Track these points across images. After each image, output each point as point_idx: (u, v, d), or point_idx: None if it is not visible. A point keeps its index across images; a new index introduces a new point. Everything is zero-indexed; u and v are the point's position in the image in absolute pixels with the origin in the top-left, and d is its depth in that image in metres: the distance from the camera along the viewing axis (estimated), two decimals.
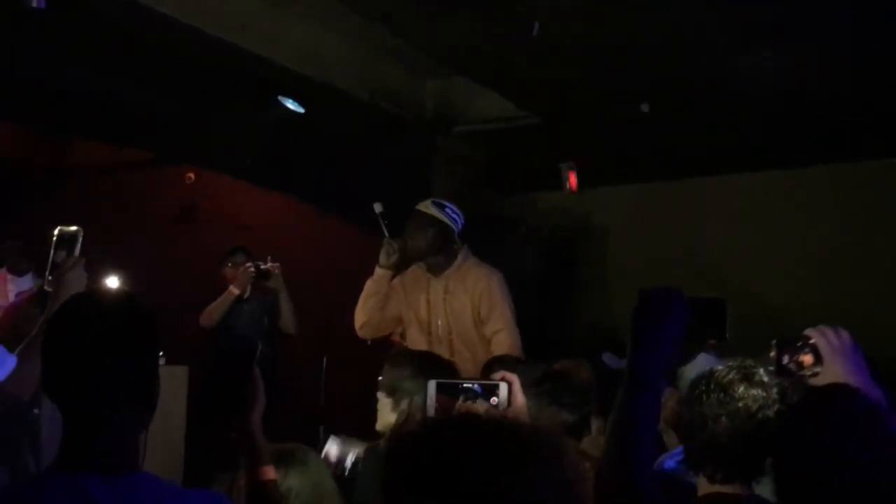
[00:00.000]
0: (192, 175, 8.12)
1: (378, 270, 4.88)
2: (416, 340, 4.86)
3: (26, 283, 5.90)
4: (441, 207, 4.92)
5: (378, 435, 3.39)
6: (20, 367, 2.69)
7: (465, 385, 2.17)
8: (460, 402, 2.15)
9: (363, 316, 4.95)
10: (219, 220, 7.99)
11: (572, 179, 7.53)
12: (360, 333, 5.03)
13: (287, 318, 6.41)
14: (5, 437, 5.34)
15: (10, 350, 2.75)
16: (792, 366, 2.18)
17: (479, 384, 2.18)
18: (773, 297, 7.13)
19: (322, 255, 6.61)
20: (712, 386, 2.30)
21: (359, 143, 7.32)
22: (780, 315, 6.38)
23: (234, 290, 6.29)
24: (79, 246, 2.92)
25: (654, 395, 2.01)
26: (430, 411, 2.17)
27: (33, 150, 8.58)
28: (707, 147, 7.25)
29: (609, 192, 8.13)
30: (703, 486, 2.28)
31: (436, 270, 4.88)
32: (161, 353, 6.15)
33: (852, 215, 7.27)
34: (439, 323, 4.82)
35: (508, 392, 2.16)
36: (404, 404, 3.20)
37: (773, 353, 2.21)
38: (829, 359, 2.14)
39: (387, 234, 4.88)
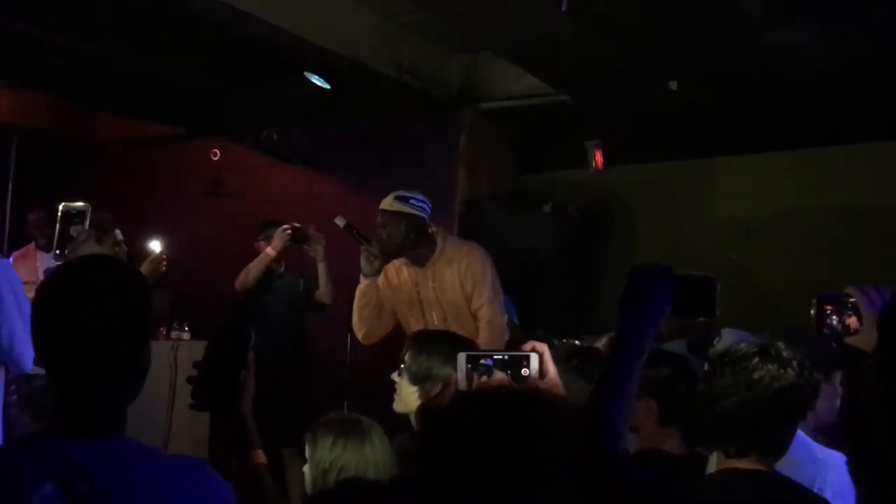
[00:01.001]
0: (217, 151, 8.13)
1: (363, 280, 4.82)
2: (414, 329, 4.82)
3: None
4: (405, 200, 4.80)
5: (397, 417, 3.36)
6: None
7: (496, 356, 2.19)
8: (490, 375, 2.16)
9: (362, 326, 4.92)
10: (244, 195, 8.01)
11: (598, 157, 7.51)
12: (364, 342, 5.03)
13: (324, 288, 6.35)
14: None
15: None
16: (832, 322, 2.16)
17: (509, 355, 2.19)
18: (796, 275, 7.10)
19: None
20: (726, 360, 2.32)
21: (385, 118, 7.33)
22: (804, 294, 6.33)
23: (271, 252, 6.20)
24: (87, 220, 2.98)
25: (640, 363, 2.06)
26: (462, 384, 2.18)
27: (64, 125, 8.62)
28: (734, 125, 7.20)
29: (635, 171, 8.09)
30: (719, 462, 2.29)
31: (420, 261, 4.82)
32: (186, 328, 6.18)
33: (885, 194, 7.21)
34: (434, 314, 4.79)
35: (540, 362, 2.18)
36: (437, 391, 3.17)
37: (812, 312, 2.20)
38: (870, 318, 2.13)
39: (363, 243, 4.82)
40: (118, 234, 5.77)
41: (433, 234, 4.84)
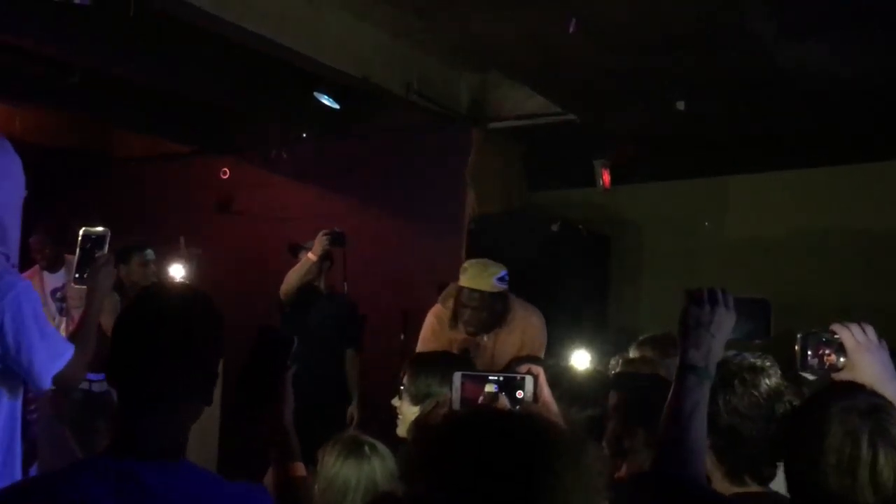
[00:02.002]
0: (227, 170, 8.19)
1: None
2: None
3: (59, 278, 5.97)
4: (503, 280, 4.91)
5: (399, 441, 3.38)
6: (76, 354, 2.92)
7: (490, 378, 2.21)
8: (484, 397, 2.19)
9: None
10: (254, 213, 8.06)
11: (605, 176, 7.54)
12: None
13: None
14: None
15: None
16: (816, 361, 2.20)
17: (504, 377, 2.22)
18: (805, 291, 7.12)
19: (356, 248, 6.64)
20: (731, 391, 2.26)
21: (395, 136, 7.37)
22: (813, 311, 6.35)
23: (312, 256, 6.09)
24: (107, 244, 3.04)
25: (708, 386, 2.07)
26: (456, 403, 2.21)
27: (81, 140, 8.69)
28: (743, 144, 7.23)
29: (642, 189, 8.14)
30: (730, 487, 2.26)
31: (488, 331, 4.95)
32: None
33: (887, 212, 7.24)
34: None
35: (534, 385, 2.20)
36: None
37: (796, 347, 2.23)
38: (853, 354, 2.16)
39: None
40: (149, 254, 5.83)
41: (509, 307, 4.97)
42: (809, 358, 2.21)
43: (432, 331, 4.99)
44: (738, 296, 2.15)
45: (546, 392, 2.23)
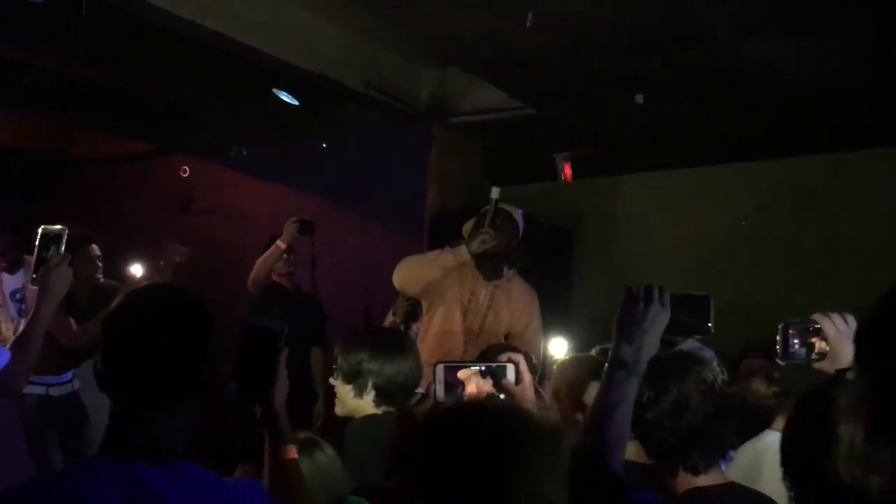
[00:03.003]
0: (186, 168, 8.14)
1: (464, 254, 4.79)
2: (448, 324, 4.86)
3: (20, 279, 5.90)
4: (523, 218, 4.99)
5: (338, 420, 3.36)
6: (13, 360, 2.81)
7: (473, 368, 2.24)
8: (469, 385, 2.22)
9: (421, 279, 4.88)
10: (215, 212, 8.01)
11: (567, 170, 7.57)
12: (402, 288, 5.01)
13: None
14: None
15: None
16: (803, 350, 2.22)
17: (486, 366, 2.25)
18: (770, 287, 7.19)
19: (318, 246, 6.63)
20: (680, 374, 2.32)
21: (355, 133, 7.36)
22: (777, 305, 6.43)
23: (281, 245, 6.13)
24: (63, 244, 3.00)
25: (637, 382, 2.09)
26: (440, 394, 2.24)
27: (40, 141, 8.60)
28: (703, 137, 7.28)
29: (604, 183, 8.18)
30: (685, 481, 2.30)
31: (490, 275, 4.92)
32: None
33: (854, 204, 7.32)
34: (473, 323, 4.87)
35: (516, 373, 2.23)
36: (370, 386, 3.15)
37: (778, 337, 2.25)
38: (835, 343, 2.17)
39: (489, 223, 4.80)
40: (94, 248, 5.76)
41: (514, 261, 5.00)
42: (796, 347, 2.23)
43: (441, 256, 4.90)
44: (679, 292, 2.18)
45: (527, 379, 2.26)
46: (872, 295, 1.42)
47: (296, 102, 6.59)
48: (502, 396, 2.18)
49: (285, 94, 6.52)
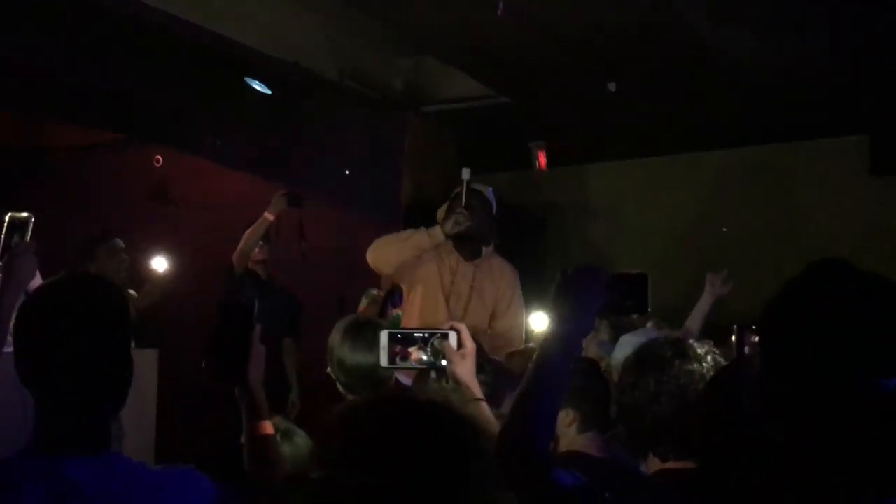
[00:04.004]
0: (159, 158, 8.08)
1: (438, 234, 4.81)
2: (431, 307, 4.86)
3: None
4: (494, 199, 5.01)
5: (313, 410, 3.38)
6: None
7: (416, 334, 2.27)
8: (414, 349, 2.26)
9: (394, 258, 4.89)
10: (190, 201, 7.98)
11: (541, 158, 7.58)
12: (375, 266, 5.02)
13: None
14: None
15: None
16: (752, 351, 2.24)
17: (429, 332, 2.28)
18: (738, 274, 7.22)
19: (294, 233, 6.62)
20: (648, 366, 2.34)
21: (329, 122, 7.32)
22: (744, 291, 6.46)
23: (269, 216, 6.08)
24: (29, 231, 2.96)
25: (570, 362, 2.10)
26: (384, 361, 2.26)
27: (9, 132, 8.51)
28: (674, 126, 7.31)
29: (578, 171, 8.20)
30: (654, 465, 2.32)
31: (469, 256, 4.93)
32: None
33: (824, 192, 7.38)
34: (458, 305, 4.88)
35: (458, 340, 2.26)
36: (335, 375, 3.17)
37: (733, 339, 2.27)
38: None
39: (463, 205, 4.79)
40: (117, 242, 5.63)
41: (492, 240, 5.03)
42: (746, 345, 2.25)
43: (416, 236, 4.91)
44: (616, 271, 2.19)
45: (469, 347, 2.27)
46: None
47: (268, 91, 6.56)
48: (444, 362, 2.23)
49: (258, 83, 6.49)
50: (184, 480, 1.91)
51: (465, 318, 4.81)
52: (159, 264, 5.40)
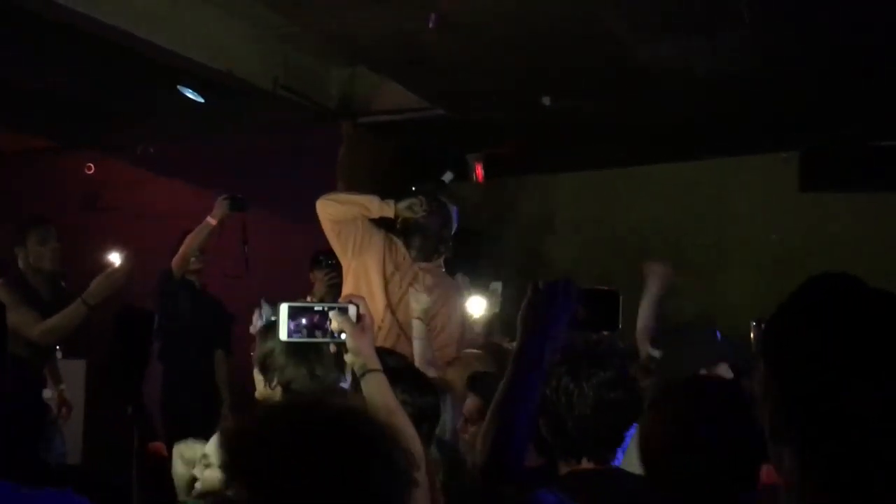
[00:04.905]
0: (91, 165, 7.97)
1: (390, 208, 4.88)
2: (367, 286, 4.81)
3: None
4: (456, 216, 5.03)
5: None
6: None
7: (316, 308, 2.27)
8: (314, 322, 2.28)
9: (342, 208, 4.98)
10: (122, 209, 7.87)
11: (479, 170, 7.60)
12: (321, 210, 5.07)
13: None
14: None
15: None
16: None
17: (328, 306, 2.30)
18: (679, 288, 7.31)
19: (227, 246, 6.54)
20: (563, 378, 2.36)
21: (263, 132, 7.28)
22: (686, 304, 6.54)
23: (211, 221, 5.96)
24: None
25: (542, 376, 2.10)
26: (283, 334, 2.27)
27: None
28: (615, 138, 7.37)
29: (515, 183, 8.23)
30: (563, 467, 2.35)
31: (417, 257, 4.91)
32: (58, 347, 5.91)
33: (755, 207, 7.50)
34: (386, 297, 4.85)
35: (357, 311, 2.29)
36: (275, 382, 2.97)
37: (752, 335, 2.29)
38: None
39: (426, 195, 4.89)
40: (47, 231, 5.43)
41: (444, 252, 5.03)
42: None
43: (366, 197, 4.99)
44: (588, 287, 2.18)
45: (368, 318, 2.29)
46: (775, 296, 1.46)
47: (201, 100, 6.50)
48: (343, 336, 2.24)
49: (190, 91, 6.43)
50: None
51: (397, 312, 4.80)
52: (115, 257, 5.24)
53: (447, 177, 4.92)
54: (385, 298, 4.79)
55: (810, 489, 1.30)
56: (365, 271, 4.86)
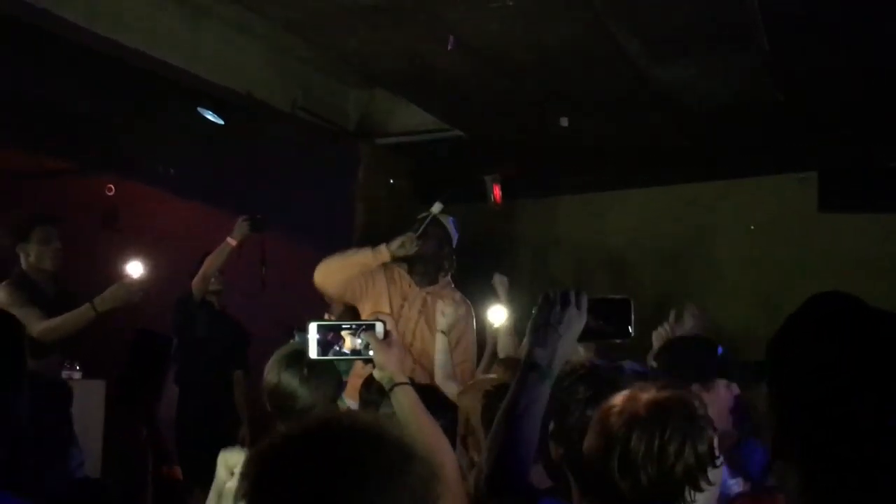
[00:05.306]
0: (112, 186, 8.03)
1: (384, 254, 4.86)
2: None
3: None
4: (456, 229, 5.02)
5: None
6: None
7: (345, 326, 2.32)
8: (342, 340, 2.37)
9: (339, 277, 4.93)
10: (141, 230, 7.90)
11: (496, 191, 7.59)
12: (322, 286, 5.04)
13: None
14: None
15: None
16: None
17: (356, 324, 2.40)
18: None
19: (246, 264, 6.57)
20: (587, 409, 2.29)
21: (282, 152, 7.31)
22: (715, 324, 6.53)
23: (231, 241, 5.96)
24: None
25: (548, 386, 2.09)
26: (313, 353, 2.36)
27: None
28: (630, 159, 7.37)
29: (533, 204, 8.23)
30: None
31: (422, 282, 4.91)
32: (78, 367, 5.91)
33: (767, 227, 7.48)
34: (405, 331, 4.85)
35: (384, 327, 2.39)
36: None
37: None
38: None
39: (416, 231, 4.89)
40: (49, 231, 5.39)
41: (448, 270, 5.05)
42: None
43: (360, 253, 5.00)
44: (599, 296, 2.17)
45: (394, 336, 2.39)
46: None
47: (221, 122, 6.55)
48: (371, 353, 2.33)
49: (210, 112, 6.49)
50: None
51: (413, 343, 4.81)
52: (134, 269, 5.21)
53: (436, 207, 4.92)
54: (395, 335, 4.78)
55: (814, 499, 1.30)
56: (375, 312, 4.88)
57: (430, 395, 2.99)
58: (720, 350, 3.24)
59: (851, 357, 1.33)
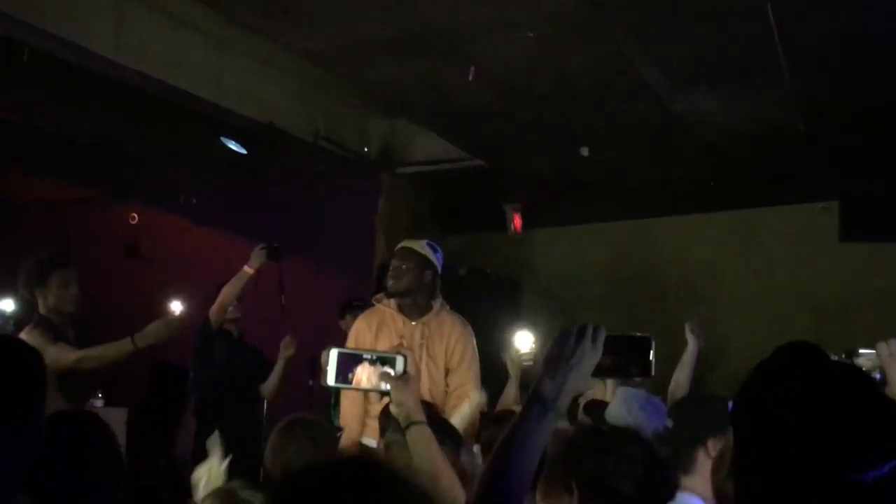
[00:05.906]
0: (135, 215, 8.10)
1: (378, 302, 4.92)
2: None
3: None
4: (434, 250, 4.88)
5: None
6: None
7: (366, 356, 2.32)
8: (361, 370, 2.35)
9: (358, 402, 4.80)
10: (162, 258, 7.97)
11: (517, 220, 7.62)
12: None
13: (272, 383, 6.25)
14: None
15: None
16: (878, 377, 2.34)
17: (377, 355, 2.40)
18: (718, 336, 7.27)
19: (266, 293, 6.59)
20: (611, 440, 2.38)
21: (303, 181, 7.36)
22: (726, 352, 6.52)
23: (248, 270, 5.87)
24: None
25: (552, 419, 2.08)
26: (330, 380, 2.35)
27: None
28: (650, 188, 7.38)
29: (553, 233, 8.24)
30: None
31: (413, 314, 4.84)
32: (100, 395, 5.91)
33: (788, 257, 7.47)
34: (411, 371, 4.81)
35: (405, 363, 2.35)
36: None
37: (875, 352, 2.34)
38: (886, 366, 2.26)
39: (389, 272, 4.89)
40: (70, 274, 5.41)
41: (438, 294, 4.91)
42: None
43: (358, 333, 4.90)
44: (619, 333, 2.17)
45: (413, 370, 2.36)
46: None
47: (244, 151, 6.60)
48: (386, 387, 2.32)
49: (233, 142, 6.53)
50: None
51: (420, 378, 4.77)
52: (176, 307, 5.23)
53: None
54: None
55: None
56: None
57: (451, 432, 3.02)
58: (730, 406, 3.25)
59: (798, 408, 1.37)
